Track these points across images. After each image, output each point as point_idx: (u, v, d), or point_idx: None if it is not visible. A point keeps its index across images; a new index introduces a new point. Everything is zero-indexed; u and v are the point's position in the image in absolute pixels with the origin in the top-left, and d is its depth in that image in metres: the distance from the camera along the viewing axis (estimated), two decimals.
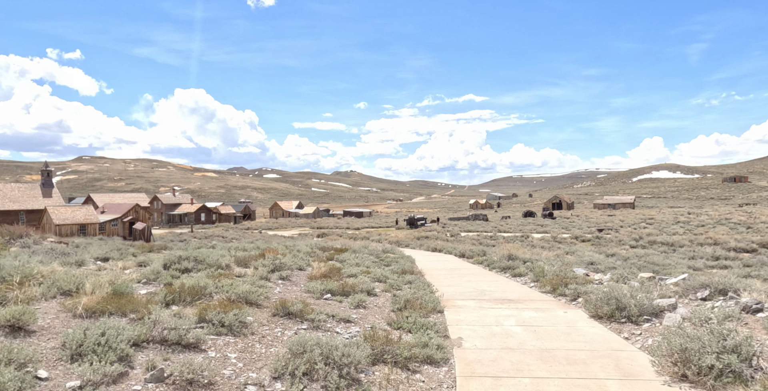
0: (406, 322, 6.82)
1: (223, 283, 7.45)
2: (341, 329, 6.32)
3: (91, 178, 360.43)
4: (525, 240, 40.58)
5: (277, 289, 8.43)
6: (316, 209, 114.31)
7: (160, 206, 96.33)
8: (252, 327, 5.77)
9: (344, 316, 6.83)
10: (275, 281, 9.17)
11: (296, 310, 6.39)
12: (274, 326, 6.05)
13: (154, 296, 6.25)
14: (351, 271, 12.22)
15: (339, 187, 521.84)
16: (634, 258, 25.76)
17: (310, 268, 12.11)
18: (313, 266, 11.29)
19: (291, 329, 5.96)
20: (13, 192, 75.76)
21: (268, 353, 5.05)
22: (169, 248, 18.65)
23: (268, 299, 7.35)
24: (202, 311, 5.62)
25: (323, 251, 20.46)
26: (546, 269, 13.08)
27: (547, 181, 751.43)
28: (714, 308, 7.77)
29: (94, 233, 50.68)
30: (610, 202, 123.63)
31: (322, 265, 11.11)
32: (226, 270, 9.55)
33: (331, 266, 11.27)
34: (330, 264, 11.79)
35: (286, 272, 10.05)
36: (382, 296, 9.00)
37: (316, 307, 7.18)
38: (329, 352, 4.59)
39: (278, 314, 6.39)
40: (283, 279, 9.54)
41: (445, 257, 23.39)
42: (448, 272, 15.60)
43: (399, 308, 7.76)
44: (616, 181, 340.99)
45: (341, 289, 8.53)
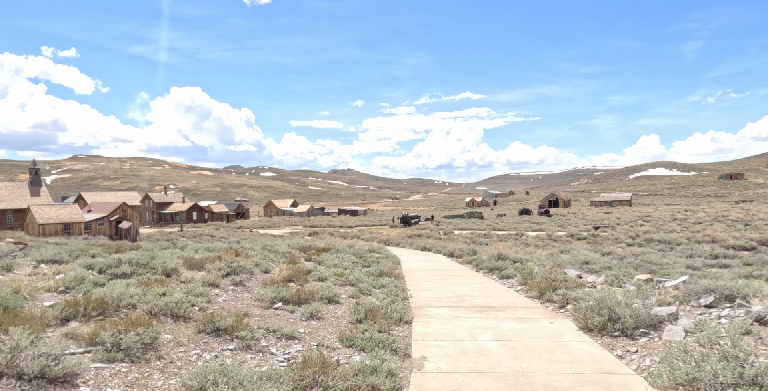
0: (362, 337, 5.78)
1: (154, 291, 6.39)
2: (278, 349, 5.27)
3: (86, 177, 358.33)
4: (519, 238, 39.59)
5: (223, 297, 7.37)
6: (310, 208, 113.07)
7: (151, 205, 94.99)
8: (162, 349, 4.73)
9: (288, 331, 5.78)
10: (225, 288, 8.11)
11: (226, 325, 5.34)
12: (194, 346, 5.00)
13: (50, 311, 5.19)
14: (322, 273, 11.19)
15: (336, 185, 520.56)
16: (630, 257, 24.77)
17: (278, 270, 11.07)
18: (276, 270, 10.23)
19: (213, 351, 4.93)
20: (0, 191, 74.50)
21: (164, 387, 4.00)
22: (141, 248, 17.56)
23: (204, 310, 6.30)
24: (97, 329, 4.57)
25: (302, 251, 19.42)
26: (535, 271, 12.06)
27: (545, 179, 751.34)
28: (721, 318, 6.75)
29: (79, 232, 49.46)
30: (606, 199, 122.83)
31: (286, 267, 10.05)
32: (173, 275, 8.49)
33: (296, 269, 10.21)
34: (296, 267, 10.72)
35: (243, 276, 9.00)
36: (346, 304, 7.95)
37: (258, 320, 6.13)
38: (235, 388, 3.54)
39: (205, 331, 5.35)
40: (236, 285, 8.48)
41: (434, 256, 22.37)
42: (431, 273, 14.56)
43: (358, 320, 6.71)
44: (613, 178, 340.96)
45: (297, 296, 7.48)
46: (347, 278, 10.99)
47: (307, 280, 10.06)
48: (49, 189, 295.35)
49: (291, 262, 12.33)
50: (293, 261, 12.40)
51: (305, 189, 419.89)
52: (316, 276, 10.88)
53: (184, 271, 8.92)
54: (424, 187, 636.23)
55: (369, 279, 11.28)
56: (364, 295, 9.28)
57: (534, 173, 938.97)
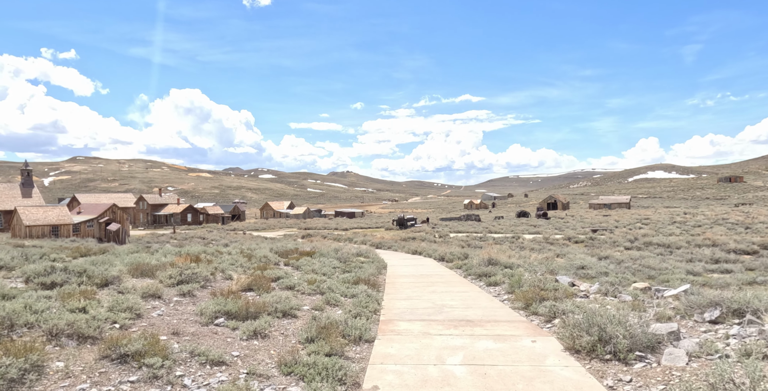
0: (305, 362, 4.86)
1: (72, 305, 5.46)
2: (195, 380, 4.35)
3: (84, 178, 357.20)
4: (515, 241, 38.67)
5: (159, 311, 6.45)
6: (307, 210, 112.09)
7: (145, 207, 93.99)
8: (38, 385, 3.81)
9: (217, 355, 4.86)
10: (168, 299, 7.19)
11: (134, 349, 4.43)
12: (86, 377, 4.09)
13: None
14: (292, 281, 10.26)
15: (335, 187, 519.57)
16: (628, 261, 23.83)
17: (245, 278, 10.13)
18: (234, 278, 9.29)
19: (107, 384, 4.01)
20: None
21: None
22: (108, 252, 16.65)
23: (126, 328, 5.38)
24: None
25: (284, 255, 18.50)
26: (524, 278, 11.13)
27: (544, 182, 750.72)
28: (729, 339, 5.83)
29: (67, 234, 48.46)
30: (605, 202, 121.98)
31: (246, 275, 9.12)
32: (115, 284, 7.57)
33: (260, 277, 9.28)
34: (263, 273, 9.80)
35: (195, 285, 8.07)
36: (303, 318, 7.02)
37: (187, 340, 5.21)
38: None
39: (109, 357, 4.43)
40: (183, 295, 7.56)
41: (423, 260, 21.45)
42: (415, 279, 13.64)
43: (309, 338, 5.79)
44: (612, 181, 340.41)
45: (245, 310, 6.54)
46: (319, 286, 10.07)
47: (271, 288, 9.13)
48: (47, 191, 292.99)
49: (261, 268, 11.41)
50: (263, 267, 11.47)
51: (304, 191, 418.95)
52: (284, 284, 9.96)
53: (129, 279, 8.00)
54: (423, 190, 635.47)
55: (342, 287, 10.36)
56: (331, 306, 8.36)
57: (533, 176, 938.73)
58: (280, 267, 14.89)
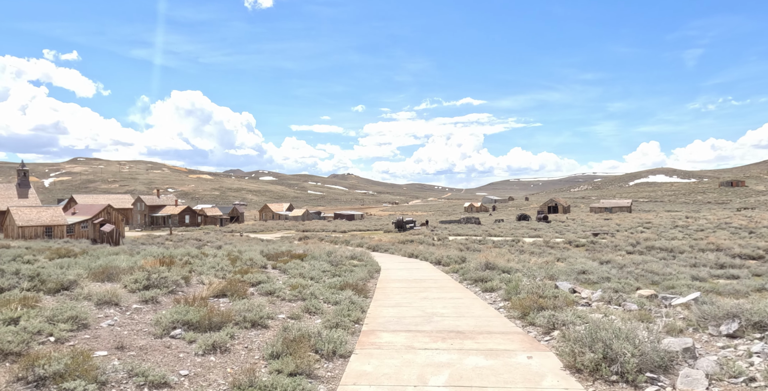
0: (262, 385, 4.17)
1: (4, 315, 4.79)
2: None
3: (84, 179, 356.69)
4: (515, 245, 37.95)
5: (110, 320, 5.77)
6: (306, 212, 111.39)
7: (143, 208, 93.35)
8: None
9: (159, 375, 4.18)
10: (126, 306, 6.51)
11: (55, 370, 3.75)
12: None
13: None
14: (272, 286, 9.58)
15: (335, 190, 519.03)
16: (630, 266, 23.10)
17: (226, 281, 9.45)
18: (206, 283, 8.61)
19: None
20: None
21: None
22: (88, 253, 15.97)
23: (63, 342, 4.70)
24: None
25: (273, 258, 17.83)
26: (522, 284, 10.44)
27: (545, 185, 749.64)
28: (753, 356, 5.14)
29: (61, 235, 47.82)
30: (606, 205, 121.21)
31: (218, 281, 8.44)
32: (71, 289, 6.88)
33: (233, 281, 8.60)
34: (235, 278, 9.11)
35: (162, 290, 7.39)
36: (275, 328, 6.34)
37: (132, 356, 4.52)
38: None
39: (25, 379, 3.76)
40: (145, 302, 6.88)
41: (419, 264, 20.76)
42: (407, 284, 12.95)
43: (274, 354, 5.10)
44: (613, 185, 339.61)
45: (207, 319, 5.86)
46: (301, 291, 9.39)
47: (248, 294, 8.45)
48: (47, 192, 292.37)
49: (242, 271, 10.72)
50: (244, 271, 10.79)
51: (304, 193, 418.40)
52: (264, 289, 9.27)
53: (89, 284, 7.32)
54: (423, 193, 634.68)
55: (327, 293, 9.67)
56: (310, 314, 7.67)
57: (534, 179, 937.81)
58: (267, 270, 14.21)
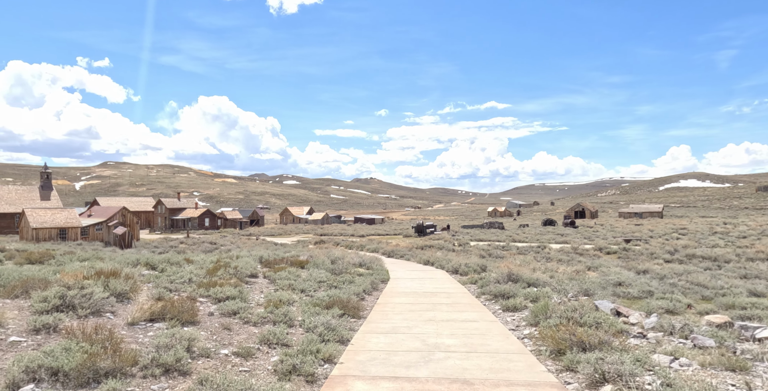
0: None
1: None
2: None
3: (113, 183, 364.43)
4: (541, 251, 35.49)
5: None
6: (325, 215, 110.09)
7: (163, 211, 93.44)
8: None
9: None
10: None
11: None
12: None
13: None
14: (240, 305, 7.77)
15: (358, 194, 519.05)
16: (672, 276, 20.57)
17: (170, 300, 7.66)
18: (137, 302, 6.81)
19: None
20: (10, 195, 73.63)
21: None
22: (55, 259, 14.48)
23: None
24: None
25: (270, 264, 16.07)
26: (552, 304, 8.38)
27: (570, 190, 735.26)
28: None
29: (75, 237, 47.30)
30: (636, 210, 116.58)
31: (150, 304, 6.63)
32: None
33: (170, 302, 6.79)
34: (172, 299, 7.31)
35: (73, 313, 5.62)
36: (198, 375, 4.47)
37: None
38: None
39: None
40: (36, 331, 5.12)
41: (434, 272, 18.75)
42: (414, 299, 11.00)
43: None
44: (642, 189, 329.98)
45: (90, 364, 4.04)
46: (273, 311, 7.55)
47: (198, 317, 6.63)
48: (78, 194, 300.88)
49: (210, 284, 8.93)
50: (212, 284, 8.99)
51: (327, 197, 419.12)
52: (227, 308, 7.47)
53: None
54: (447, 197, 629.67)
55: (311, 311, 7.82)
56: (270, 347, 5.80)
57: (560, 184, 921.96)
58: (254, 280, 12.45)
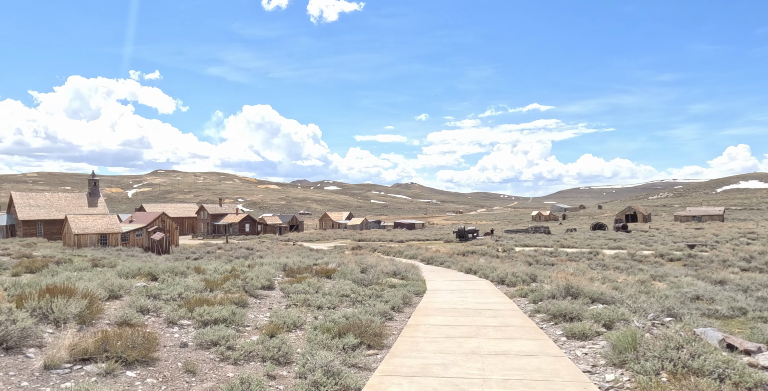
0: None
1: None
2: None
3: (163, 190, 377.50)
4: (594, 258, 32.51)
5: None
6: (364, 221, 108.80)
7: (206, 216, 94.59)
8: None
9: None
10: None
11: None
12: None
13: None
14: (224, 332, 6.03)
15: (398, 199, 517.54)
16: (756, 288, 17.55)
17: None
18: (66, 335, 5.11)
19: None
20: (60, 201, 76.03)
21: None
22: (48, 268, 13.30)
23: None
24: None
25: (291, 274, 14.40)
26: (637, 333, 6.19)
27: (618, 193, 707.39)
28: None
29: (115, 243, 47.67)
30: (694, 214, 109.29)
31: (86, 336, 4.92)
32: None
33: (118, 333, 5.07)
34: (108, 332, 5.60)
35: None
36: None
37: None
38: None
39: None
40: None
41: (477, 283, 16.61)
42: (453, 320, 8.99)
43: None
44: (697, 192, 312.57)
45: None
46: (265, 342, 5.75)
47: (154, 356, 4.90)
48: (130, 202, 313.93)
49: (200, 302, 7.24)
50: (201, 301, 7.30)
51: (368, 203, 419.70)
52: (208, 337, 5.72)
53: None
54: (489, 201, 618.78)
55: (320, 339, 6.00)
56: None
57: (607, 187, 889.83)
58: (268, 294, 10.77)
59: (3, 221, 72.26)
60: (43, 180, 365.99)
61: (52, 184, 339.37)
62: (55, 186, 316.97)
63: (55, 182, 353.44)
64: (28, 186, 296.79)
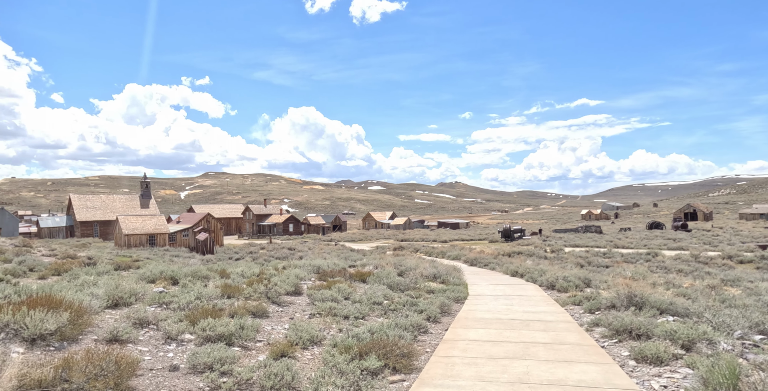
0: None
1: None
2: None
3: (213, 192, 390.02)
4: (653, 259, 30.16)
5: None
6: (407, 220, 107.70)
7: (251, 217, 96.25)
8: None
9: None
10: None
11: None
12: None
13: None
14: (224, 353, 5.20)
15: (442, 198, 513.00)
16: None
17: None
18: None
19: None
20: (114, 203, 79.09)
21: None
22: (73, 271, 12.98)
23: None
24: None
25: (323, 277, 13.57)
26: (734, 363, 4.88)
27: (675, 190, 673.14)
28: None
29: (163, 243, 48.77)
30: (762, 211, 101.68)
31: (30, 367, 4.12)
32: None
33: (89, 356, 4.27)
34: (74, 356, 4.80)
35: None
36: None
37: None
38: None
39: None
40: None
41: (524, 288, 15.25)
42: (497, 334, 7.84)
43: None
44: (764, 188, 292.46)
45: None
46: (271, 368, 4.84)
47: (132, 382, 4.07)
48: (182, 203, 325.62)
49: (201, 315, 6.45)
50: (206, 312, 6.50)
51: (411, 202, 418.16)
52: (203, 359, 4.87)
53: None
54: (535, 200, 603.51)
55: (330, 362, 5.05)
56: None
57: (662, 184, 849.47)
58: (293, 300, 9.95)
59: (63, 222, 75.98)
60: (104, 183, 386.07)
61: (112, 186, 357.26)
62: (114, 188, 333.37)
63: (114, 185, 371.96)
64: (90, 189, 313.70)
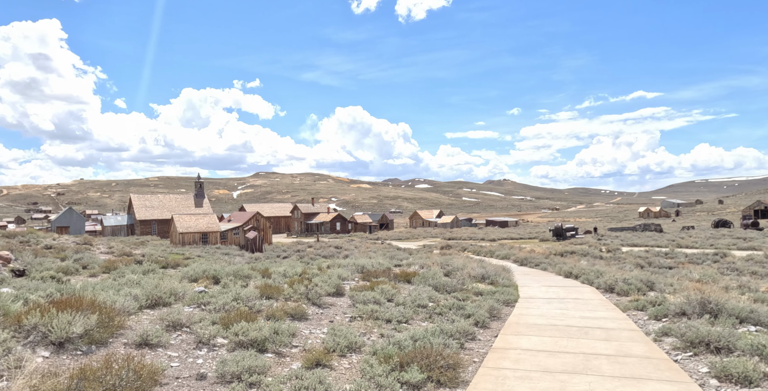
0: None
1: None
2: None
3: (264, 191, 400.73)
4: (721, 260, 27.97)
5: None
6: (455, 218, 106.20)
7: (299, 216, 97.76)
8: None
9: None
10: None
11: None
12: None
13: None
14: (247, 363, 4.85)
15: (490, 196, 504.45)
16: None
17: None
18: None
19: None
20: (170, 203, 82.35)
21: None
22: (117, 267, 13.14)
23: None
24: None
25: (366, 277, 13.18)
26: None
27: (742, 186, 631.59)
28: None
29: (215, 241, 50.15)
30: None
31: (40, 375, 3.85)
32: None
33: (79, 372, 3.97)
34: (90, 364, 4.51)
35: None
36: None
37: None
38: None
39: None
40: None
41: (580, 290, 14.29)
42: (553, 341, 7.15)
43: None
44: None
45: None
46: (303, 379, 4.44)
47: None
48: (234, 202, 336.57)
49: (235, 318, 6.16)
50: (239, 315, 6.21)
51: (459, 200, 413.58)
52: (232, 369, 4.54)
53: None
54: (588, 198, 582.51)
55: (369, 373, 4.60)
56: None
57: (728, 179, 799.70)
58: (335, 301, 9.60)
59: (125, 220, 79.90)
60: (162, 183, 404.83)
61: (170, 187, 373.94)
62: (172, 189, 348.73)
63: (171, 185, 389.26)
64: (150, 189, 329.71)
